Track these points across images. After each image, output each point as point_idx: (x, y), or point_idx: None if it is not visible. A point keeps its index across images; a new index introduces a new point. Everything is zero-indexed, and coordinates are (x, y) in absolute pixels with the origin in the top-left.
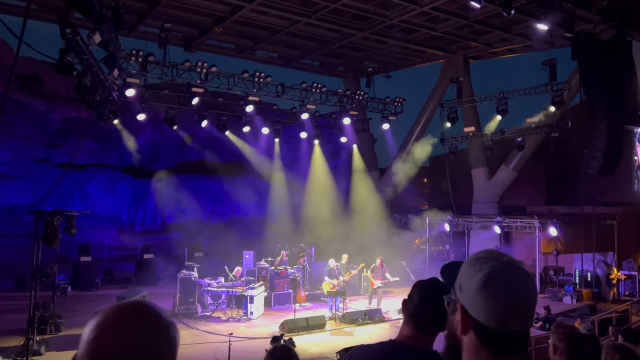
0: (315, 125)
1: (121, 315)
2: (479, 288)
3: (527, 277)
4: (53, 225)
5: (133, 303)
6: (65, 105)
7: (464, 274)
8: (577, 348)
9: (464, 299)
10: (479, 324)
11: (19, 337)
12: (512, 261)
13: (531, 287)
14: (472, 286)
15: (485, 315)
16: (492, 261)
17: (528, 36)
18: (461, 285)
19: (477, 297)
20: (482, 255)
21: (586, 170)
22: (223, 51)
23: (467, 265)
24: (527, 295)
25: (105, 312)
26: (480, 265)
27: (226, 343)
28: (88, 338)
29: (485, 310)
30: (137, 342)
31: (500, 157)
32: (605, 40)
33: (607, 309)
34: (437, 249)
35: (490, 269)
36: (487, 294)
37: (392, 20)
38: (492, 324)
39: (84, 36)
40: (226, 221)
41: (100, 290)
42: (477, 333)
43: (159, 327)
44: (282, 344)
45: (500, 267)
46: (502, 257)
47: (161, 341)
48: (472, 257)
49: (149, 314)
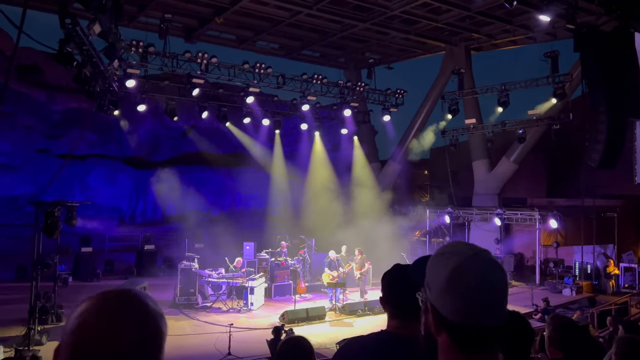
0: (316, 116)
1: (105, 303)
2: (445, 284)
3: (494, 268)
4: (54, 216)
5: (119, 291)
6: (66, 96)
7: (430, 271)
8: (572, 339)
9: (433, 298)
10: (449, 321)
11: (21, 327)
12: (478, 252)
13: (499, 279)
14: (438, 283)
15: (453, 312)
16: (456, 255)
17: (530, 28)
18: (429, 283)
19: (444, 294)
20: (447, 250)
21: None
22: (224, 42)
23: (432, 262)
24: (495, 288)
25: (89, 301)
26: (445, 260)
27: (226, 334)
28: (71, 327)
29: (453, 307)
30: (120, 331)
31: (501, 149)
32: (608, 32)
33: (606, 301)
34: (437, 240)
35: (455, 263)
36: (453, 290)
37: (394, 11)
38: (462, 320)
39: (83, 26)
40: (227, 212)
41: (101, 280)
42: (448, 331)
43: (145, 316)
44: (296, 335)
45: (465, 260)
46: (468, 249)
47: (146, 331)
48: (437, 252)
49: (134, 302)
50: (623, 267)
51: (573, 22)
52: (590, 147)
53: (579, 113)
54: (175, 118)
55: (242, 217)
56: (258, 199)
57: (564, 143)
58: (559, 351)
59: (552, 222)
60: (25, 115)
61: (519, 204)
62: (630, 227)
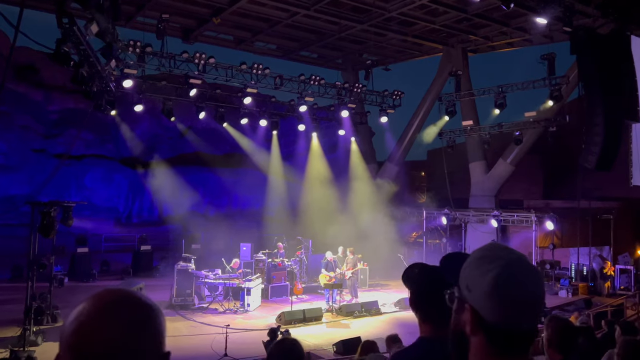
0: (314, 117)
1: (103, 303)
2: (491, 290)
3: (536, 273)
4: (50, 216)
5: (115, 290)
6: (63, 95)
7: (470, 274)
8: (570, 340)
9: (474, 300)
10: (490, 325)
11: (16, 327)
12: (519, 257)
13: (540, 283)
14: (482, 288)
15: (497, 318)
16: (500, 259)
17: (527, 30)
18: (468, 285)
19: (489, 299)
20: (488, 254)
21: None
22: (221, 43)
23: (473, 264)
24: (538, 293)
25: (87, 302)
26: (489, 264)
27: (223, 335)
28: (70, 329)
29: (498, 312)
30: (121, 329)
31: (497, 151)
32: (604, 35)
33: (602, 302)
34: (434, 242)
35: (500, 268)
36: (499, 296)
37: (391, 12)
38: (504, 325)
39: (81, 26)
40: (224, 213)
41: (97, 281)
42: (486, 334)
43: (143, 313)
44: (291, 337)
45: (508, 265)
46: (508, 253)
47: (146, 327)
48: (477, 255)
49: (132, 299)
50: (619, 269)
51: (570, 24)
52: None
53: (576, 115)
54: (172, 118)
55: (239, 218)
56: (255, 199)
57: (561, 145)
58: (558, 353)
59: (548, 224)
60: (21, 115)
61: (516, 205)
62: (626, 229)
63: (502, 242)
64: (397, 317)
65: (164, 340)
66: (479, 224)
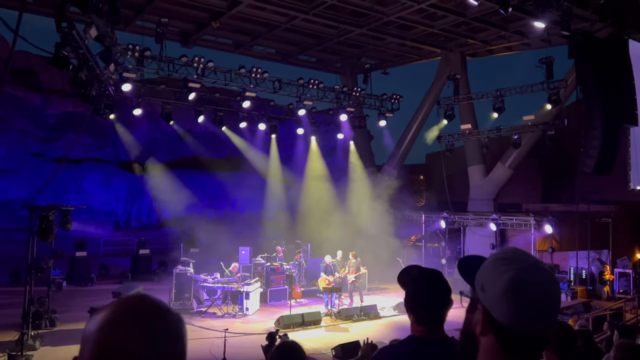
0: (312, 121)
1: (125, 311)
2: (505, 291)
3: (553, 279)
4: (48, 220)
5: (136, 298)
6: (61, 99)
7: (487, 273)
8: (569, 344)
9: (487, 300)
10: (501, 326)
11: (14, 331)
12: (537, 263)
13: (557, 290)
14: (496, 288)
15: (509, 319)
16: (518, 262)
17: (525, 34)
18: (483, 285)
19: (502, 300)
20: (508, 256)
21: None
22: (220, 47)
23: (490, 264)
24: (553, 299)
25: (108, 309)
26: (505, 266)
27: (221, 339)
28: (93, 338)
29: (510, 314)
30: (144, 337)
31: (496, 154)
32: (602, 39)
33: (601, 306)
34: (433, 246)
35: (517, 270)
36: (513, 297)
37: (390, 17)
38: (516, 328)
39: (80, 30)
40: (222, 217)
41: (96, 285)
42: (497, 336)
43: (165, 321)
44: (291, 340)
45: (526, 269)
46: (529, 258)
47: (169, 335)
48: (497, 256)
49: (154, 307)
50: (617, 273)
51: (568, 28)
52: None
53: (574, 119)
54: (171, 122)
55: (237, 222)
56: (254, 203)
57: (559, 149)
58: (556, 356)
59: (547, 227)
60: (20, 119)
61: (514, 209)
62: (624, 232)
63: (501, 246)
64: (396, 321)
65: (186, 348)
66: (478, 228)
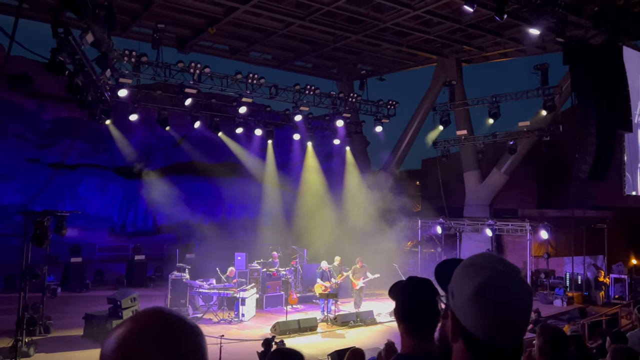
0: (309, 127)
1: (145, 324)
2: (471, 297)
3: (523, 288)
4: (43, 225)
5: (155, 311)
6: (57, 105)
7: (457, 279)
8: (561, 349)
9: (455, 306)
10: (468, 333)
11: (8, 338)
12: (509, 270)
13: (526, 299)
14: (463, 294)
15: (474, 326)
16: (487, 269)
17: (520, 40)
18: (453, 291)
19: (468, 306)
20: (477, 262)
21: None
22: (216, 52)
23: (460, 270)
24: (520, 309)
25: (128, 324)
26: (474, 272)
27: (217, 345)
28: (114, 354)
29: (474, 320)
30: (165, 351)
31: (492, 160)
32: (597, 46)
33: (597, 312)
34: (429, 251)
35: (484, 277)
36: (478, 304)
37: (386, 23)
38: (481, 335)
39: (76, 36)
40: (218, 222)
41: (91, 291)
42: (465, 342)
43: (185, 334)
44: (290, 348)
45: (495, 276)
46: (499, 264)
47: (188, 348)
48: (467, 262)
49: (173, 321)
50: (613, 278)
51: (562, 35)
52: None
53: (569, 125)
54: (167, 128)
55: (233, 227)
56: (250, 209)
57: (554, 154)
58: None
59: (542, 233)
60: (15, 124)
61: (510, 214)
62: (619, 238)
63: (497, 251)
64: (393, 327)
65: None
66: (474, 233)
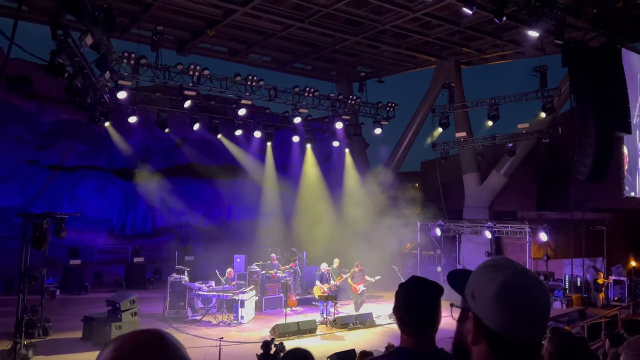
0: (308, 129)
1: (137, 344)
2: (495, 296)
3: (541, 286)
4: (42, 227)
5: (148, 332)
6: (56, 107)
7: (477, 281)
8: (569, 353)
9: (477, 307)
10: (492, 333)
11: (7, 341)
12: (526, 270)
13: (546, 296)
14: (486, 294)
15: (500, 324)
16: (507, 269)
17: (519, 43)
18: (474, 292)
19: (492, 305)
20: (496, 263)
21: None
22: (216, 54)
23: (480, 272)
24: (542, 304)
25: (117, 342)
26: (495, 272)
27: (216, 347)
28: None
29: (499, 319)
30: None
31: (491, 162)
32: (595, 48)
33: (596, 314)
34: (429, 253)
35: (506, 276)
36: (502, 301)
37: (385, 25)
38: (506, 333)
39: (75, 38)
40: (217, 225)
41: (90, 293)
42: (489, 343)
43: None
44: (302, 348)
45: (515, 275)
46: (517, 265)
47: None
48: (486, 264)
49: (168, 348)
50: (612, 280)
51: (561, 37)
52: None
53: (568, 127)
54: (166, 130)
55: (232, 230)
56: (249, 211)
57: (554, 156)
58: None
59: (542, 235)
60: (14, 126)
61: (510, 217)
62: (619, 240)
63: (496, 253)
64: (392, 329)
65: None
66: (473, 235)
